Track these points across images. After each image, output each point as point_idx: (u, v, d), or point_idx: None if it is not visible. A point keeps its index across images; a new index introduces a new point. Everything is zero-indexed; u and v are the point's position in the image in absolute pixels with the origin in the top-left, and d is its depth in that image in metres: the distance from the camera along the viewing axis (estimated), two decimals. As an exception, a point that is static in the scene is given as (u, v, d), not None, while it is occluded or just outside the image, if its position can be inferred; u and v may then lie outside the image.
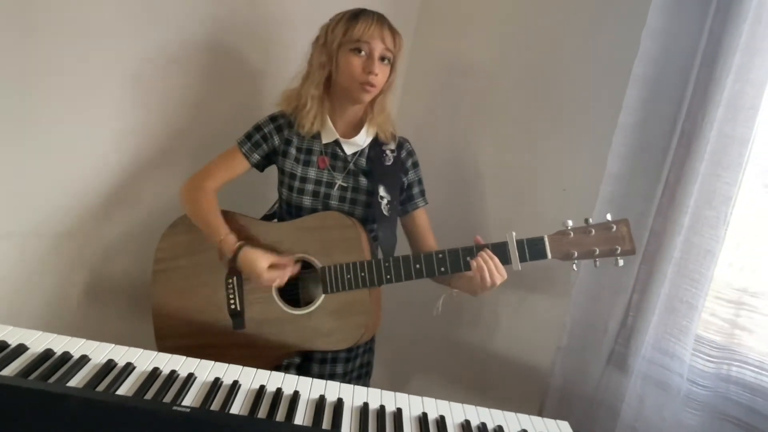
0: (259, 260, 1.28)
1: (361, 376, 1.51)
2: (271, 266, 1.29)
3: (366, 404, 1.01)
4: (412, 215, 1.47)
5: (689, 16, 1.24)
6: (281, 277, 1.29)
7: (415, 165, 1.47)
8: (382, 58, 1.30)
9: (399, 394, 1.06)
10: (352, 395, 1.04)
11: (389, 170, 1.41)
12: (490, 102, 1.76)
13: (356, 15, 1.30)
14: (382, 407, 1.01)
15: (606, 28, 1.48)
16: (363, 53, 1.28)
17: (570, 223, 1.20)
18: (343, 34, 1.28)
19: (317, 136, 1.39)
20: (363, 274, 1.28)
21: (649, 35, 1.27)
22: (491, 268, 1.21)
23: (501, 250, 1.22)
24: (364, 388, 1.06)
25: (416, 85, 1.49)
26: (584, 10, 1.52)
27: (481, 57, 1.79)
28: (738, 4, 1.15)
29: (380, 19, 1.30)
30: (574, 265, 1.22)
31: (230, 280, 1.35)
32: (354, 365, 1.48)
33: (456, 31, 1.88)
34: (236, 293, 1.34)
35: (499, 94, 1.74)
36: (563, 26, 1.58)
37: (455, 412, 1.05)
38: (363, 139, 1.40)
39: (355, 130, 1.40)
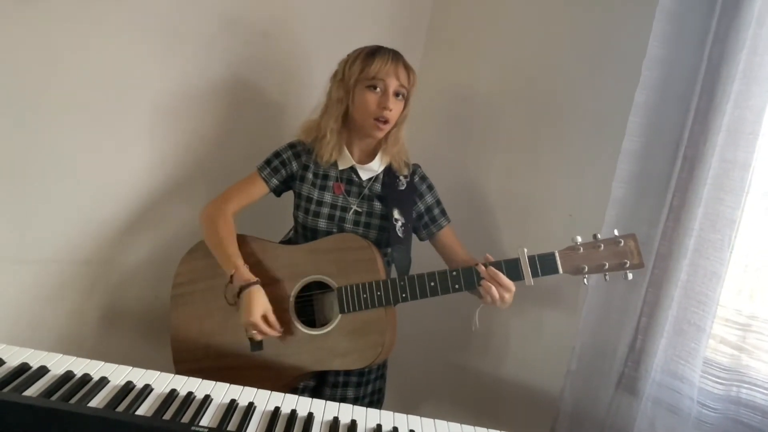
0: (259, 303, 1.29)
1: (372, 403, 1.51)
2: (264, 317, 1.30)
3: (379, 426, 1.02)
4: (439, 235, 1.49)
5: (688, 46, 1.28)
6: (263, 332, 1.29)
7: (431, 188, 1.51)
8: (396, 94, 1.35)
9: (411, 417, 1.07)
10: (366, 417, 1.05)
11: (403, 195, 1.45)
12: (495, 130, 1.80)
13: (373, 53, 1.35)
14: (395, 429, 1.02)
15: (608, 57, 1.52)
16: (378, 89, 1.34)
17: (579, 239, 1.22)
18: (360, 71, 1.34)
19: (334, 163, 1.43)
20: (379, 293, 1.30)
21: (649, 64, 1.31)
22: (497, 285, 1.24)
23: (513, 266, 1.24)
24: (377, 411, 1.07)
25: (423, 113, 1.54)
26: (587, 40, 1.58)
27: (487, 86, 1.84)
28: (735, 35, 1.20)
29: (395, 56, 1.36)
30: (585, 280, 1.24)
31: None
32: (366, 391, 1.49)
33: (462, 61, 1.93)
34: None
35: (504, 122, 1.78)
36: (567, 56, 1.63)
37: (468, 435, 1.06)
38: (378, 165, 1.44)
39: (370, 156, 1.45)
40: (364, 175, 1.44)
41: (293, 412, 1.02)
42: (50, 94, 1.38)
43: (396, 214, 1.41)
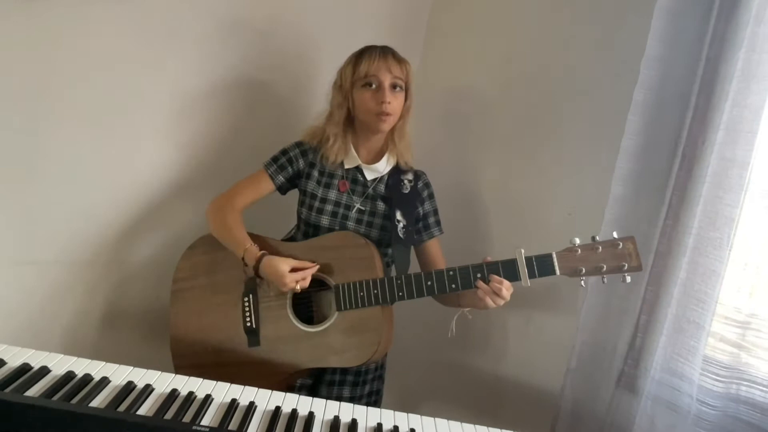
0: (281, 264, 1.31)
1: (369, 405, 1.50)
2: (293, 270, 1.31)
3: (380, 425, 1.03)
4: (427, 244, 1.51)
5: (686, 45, 1.28)
6: (304, 277, 1.31)
7: (431, 196, 1.52)
8: (394, 86, 1.36)
9: (412, 415, 1.08)
10: (366, 416, 1.05)
11: (406, 198, 1.46)
12: (494, 129, 1.80)
13: (361, 53, 1.38)
14: (396, 427, 1.03)
15: (607, 57, 1.52)
16: (373, 86, 1.35)
17: (577, 240, 1.22)
18: (352, 73, 1.37)
19: (340, 162, 1.45)
20: (376, 291, 1.30)
21: (648, 63, 1.31)
22: (498, 291, 1.24)
23: (510, 267, 1.25)
24: (378, 410, 1.08)
25: (422, 113, 1.55)
26: (585, 39, 1.58)
27: (486, 85, 1.84)
28: (733, 33, 1.20)
29: (384, 51, 1.37)
30: (582, 282, 1.24)
31: (246, 299, 1.38)
32: (362, 391, 1.49)
33: (461, 60, 1.94)
34: (252, 311, 1.37)
35: (503, 121, 1.78)
36: (566, 55, 1.63)
37: (468, 433, 1.06)
38: (384, 166, 1.46)
39: (376, 157, 1.46)
40: (369, 176, 1.46)
41: (294, 412, 1.02)
42: (53, 95, 1.38)
43: (398, 215, 1.42)
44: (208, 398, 1.01)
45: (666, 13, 1.29)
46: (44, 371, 1.00)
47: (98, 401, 0.96)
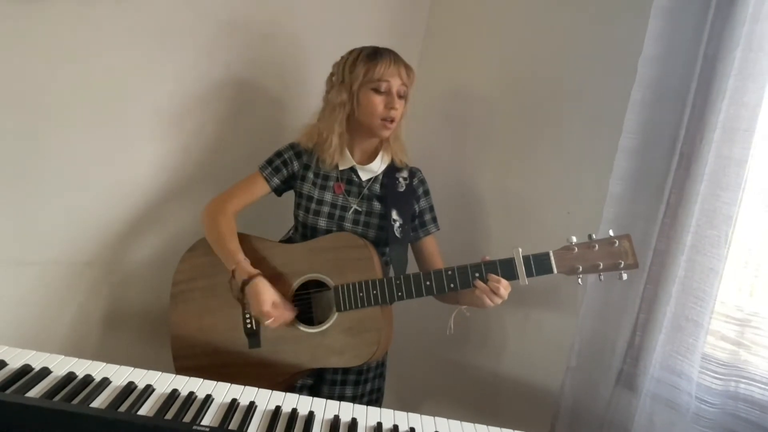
0: (267, 293, 1.31)
1: (371, 402, 1.51)
2: (274, 304, 1.31)
3: (380, 424, 1.03)
4: (423, 241, 1.50)
5: (683, 43, 1.29)
6: (278, 318, 1.31)
7: (427, 193, 1.52)
8: (399, 93, 1.37)
9: (412, 415, 1.08)
10: (366, 416, 1.06)
11: (402, 196, 1.46)
12: (492, 129, 1.81)
13: (374, 55, 1.36)
14: (396, 427, 1.03)
15: (604, 56, 1.53)
16: (383, 90, 1.35)
17: (574, 239, 1.23)
18: (364, 74, 1.35)
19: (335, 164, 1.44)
20: (375, 291, 1.31)
21: (645, 62, 1.31)
22: (497, 290, 1.24)
23: (508, 266, 1.25)
24: (378, 409, 1.08)
25: (421, 113, 1.55)
26: (583, 39, 1.58)
27: (485, 85, 1.84)
28: (730, 31, 1.20)
29: (396, 56, 1.37)
30: (579, 280, 1.24)
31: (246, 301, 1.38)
32: (364, 390, 1.50)
33: (459, 59, 1.94)
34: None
35: (501, 121, 1.79)
36: (563, 54, 1.63)
37: (467, 432, 1.06)
38: (378, 166, 1.45)
39: (370, 157, 1.46)
40: (364, 176, 1.46)
41: (294, 411, 1.02)
42: (52, 97, 1.38)
43: (394, 214, 1.42)
44: (208, 398, 1.02)
45: (663, 11, 1.29)
46: (45, 372, 1.00)
47: (99, 402, 0.96)
